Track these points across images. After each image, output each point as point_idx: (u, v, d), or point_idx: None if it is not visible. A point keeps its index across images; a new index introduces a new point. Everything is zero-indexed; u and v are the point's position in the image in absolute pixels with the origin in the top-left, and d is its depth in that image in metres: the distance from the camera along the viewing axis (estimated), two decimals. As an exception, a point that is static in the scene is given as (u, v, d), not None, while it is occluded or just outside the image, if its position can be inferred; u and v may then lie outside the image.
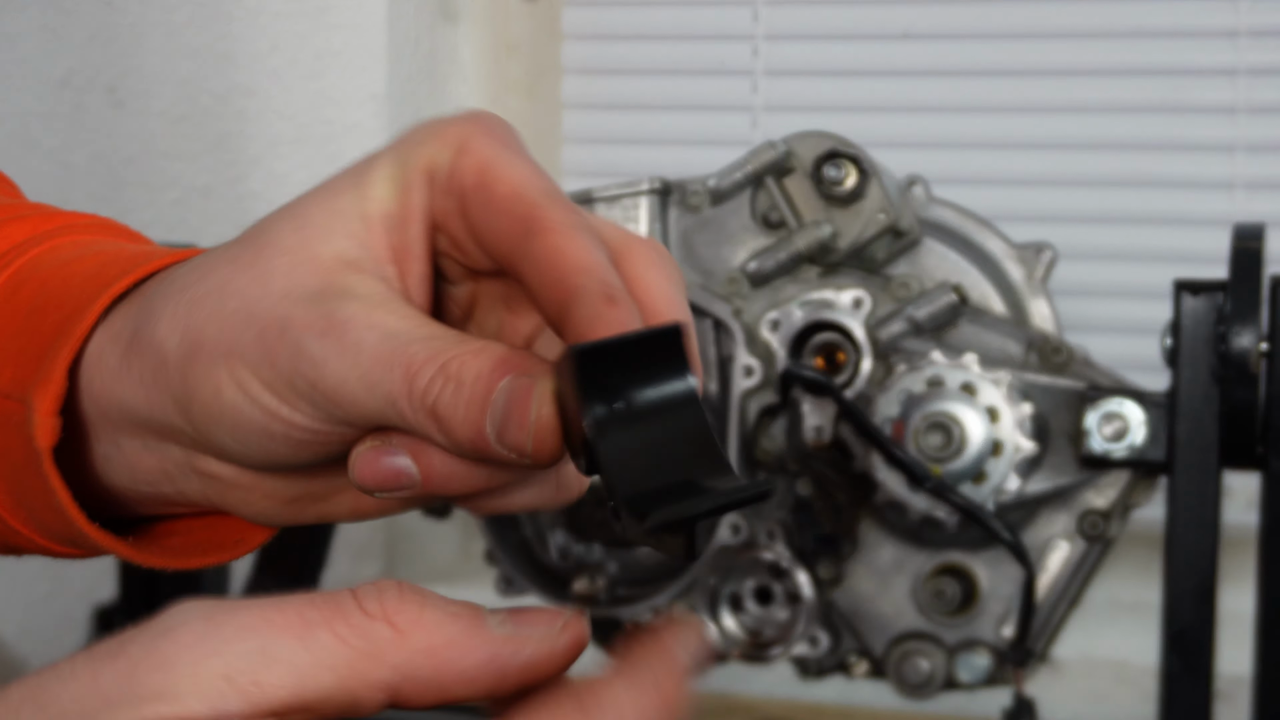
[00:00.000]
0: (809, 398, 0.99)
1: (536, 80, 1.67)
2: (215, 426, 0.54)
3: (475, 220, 0.53)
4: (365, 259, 0.53)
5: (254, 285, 0.54)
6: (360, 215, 0.54)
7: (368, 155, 0.56)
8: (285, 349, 0.52)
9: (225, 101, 1.58)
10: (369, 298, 0.52)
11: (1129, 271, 1.49)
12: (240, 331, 0.53)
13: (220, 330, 0.53)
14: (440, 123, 0.55)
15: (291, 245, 0.54)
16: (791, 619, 1.01)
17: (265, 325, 0.52)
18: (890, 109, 1.54)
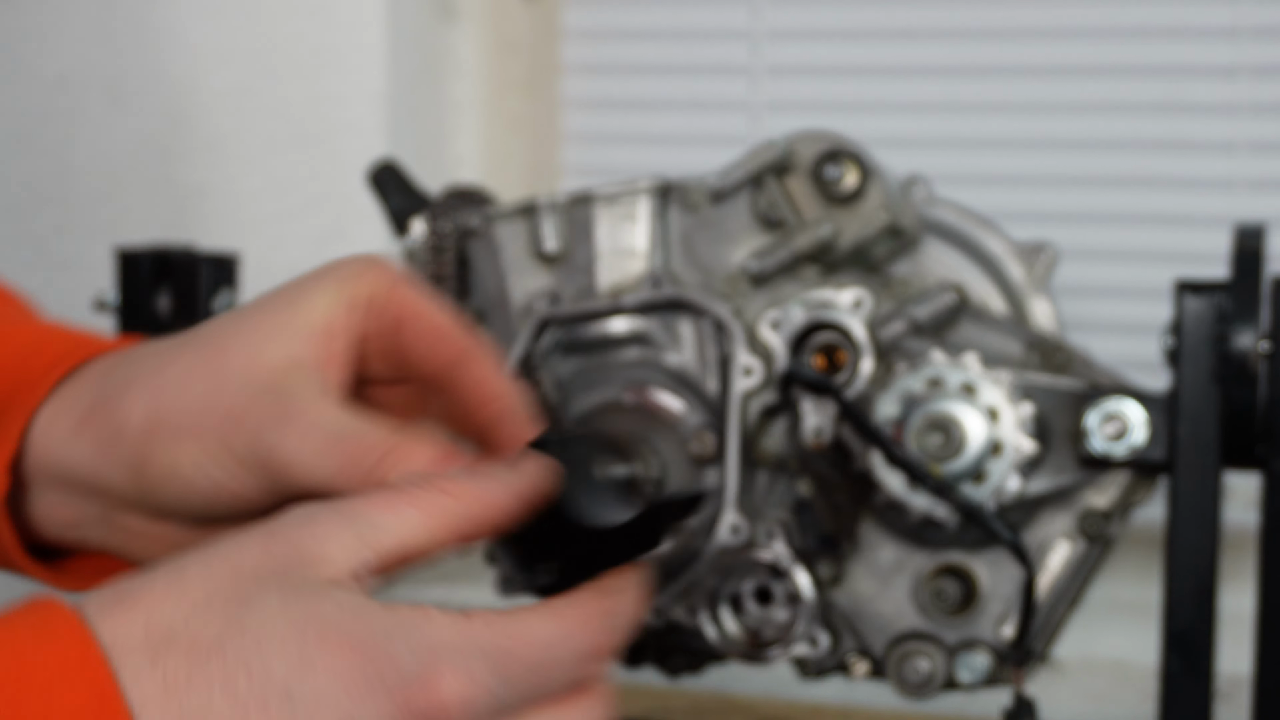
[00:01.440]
0: (809, 398, 0.99)
1: (536, 79, 1.67)
2: (164, 489, 0.66)
3: (408, 343, 0.69)
4: (305, 362, 0.67)
5: (214, 378, 0.66)
6: (301, 326, 0.68)
7: (305, 276, 0.71)
8: (244, 433, 0.65)
9: (225, 101, 1.58)
10: (311, 393, 0.66)
11: (1129, 271, 1.49)
12: (201, 416, 0.66)
13: (183, 414, 0.66)
14: (371, 261, 0.71)
15: (245, 348, 0.67)
16: (791, 619, 1.01)
17: (226, 412, 0.65)
18: (890, 109, 1.54)
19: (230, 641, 0.54)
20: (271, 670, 0.54)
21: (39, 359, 0.70)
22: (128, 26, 1.58)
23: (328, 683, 0.54)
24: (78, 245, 1.60)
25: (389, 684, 0.54)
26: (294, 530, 0.57)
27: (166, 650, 0.53)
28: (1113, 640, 1.49)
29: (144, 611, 0.54)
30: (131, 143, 1.60)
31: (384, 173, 1.14)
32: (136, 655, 0.53)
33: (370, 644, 0.55)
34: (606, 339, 1.05)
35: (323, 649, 0.54)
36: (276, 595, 0.55)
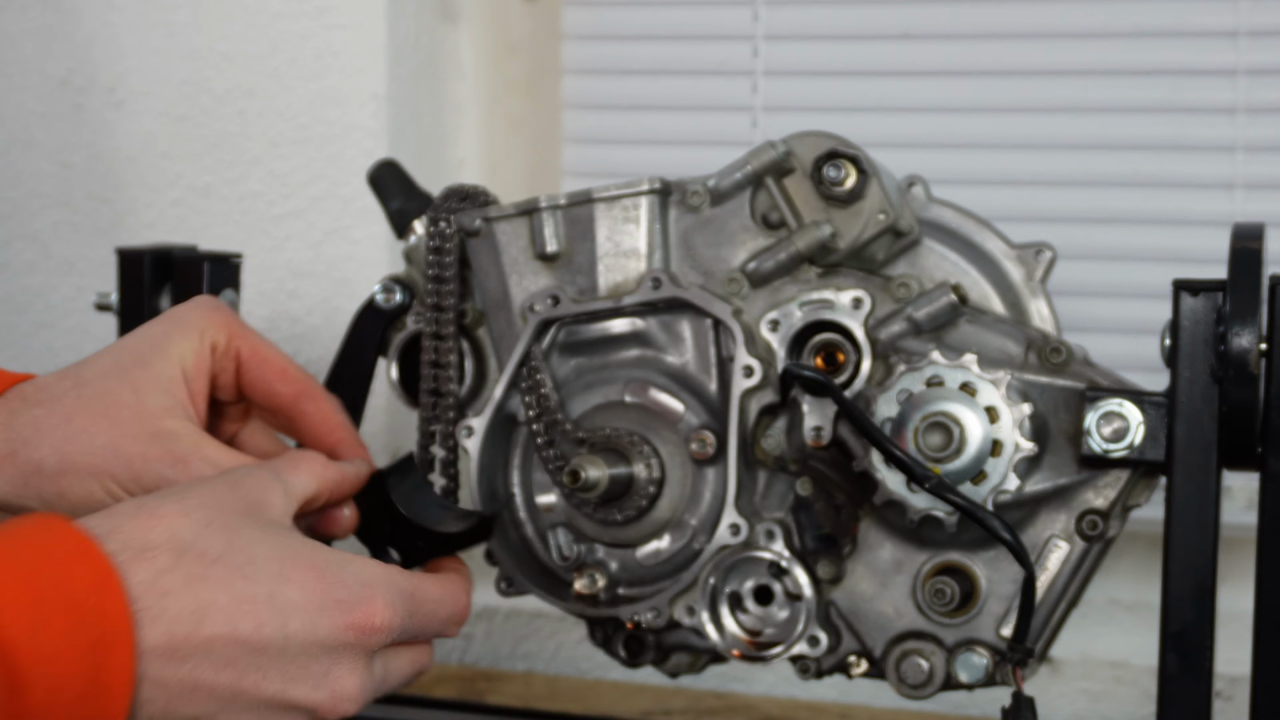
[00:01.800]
0: (809, 397, 0.99)
1: (536, 80, 1.67)
2: (76, 515, 0.78)
3: (250, 381, 0.94)
4: (177, 407, 0.90)
5: (111, 430, 0.87)
6: (170, 376, 0.90)
7: (158, 323, 0.93)
8: (149, 474, 0.87)
9: (225, 101, 1.58)
10: (193, 435, 0.89)
11: (1129, 271, 1.49)
12: (106, 461, 0.87)
13: (89, 459, 0.87)
14: (213, 307, 0.94)
15: (130, 400, 0.88)
16: (791, 619, 1.01)
17: (128, 459, 0.87)
18: (890, 109, 1.54)
19: (229, 556, 0.75)
20: (260, 578, 0.75)
21: None
22: (129, 28, 1.59)
23: (298, 594, 0.76)
24: (79, 246, 1.61)
25: (341, 602, 0.77)
26: (247, 481, 0.80)
27: (185, 554, 0.73)
28: (1112, 640, 1.50)
29: (165, 523, 0.74)
30: (133, 143, 1.60)
31: (384, 173, 1.14)
32: (163, 555, 0.73)
33: (328, 570, 0.78)
34: (607, 339, 1.05)
35: (295, 569, 0.77)
36: (254, 527, 0.77)
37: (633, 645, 1.06)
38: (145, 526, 0.74)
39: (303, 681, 0.76)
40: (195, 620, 0.72)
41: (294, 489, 0.83)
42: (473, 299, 1.09)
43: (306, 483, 0.84)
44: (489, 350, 1.09)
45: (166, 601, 0.72)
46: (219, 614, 0.73)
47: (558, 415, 1.04)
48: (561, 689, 1.50)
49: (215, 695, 0.74)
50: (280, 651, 0.75)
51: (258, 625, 0.74)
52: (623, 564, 1.04)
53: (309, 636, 0.76)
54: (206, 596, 0.73)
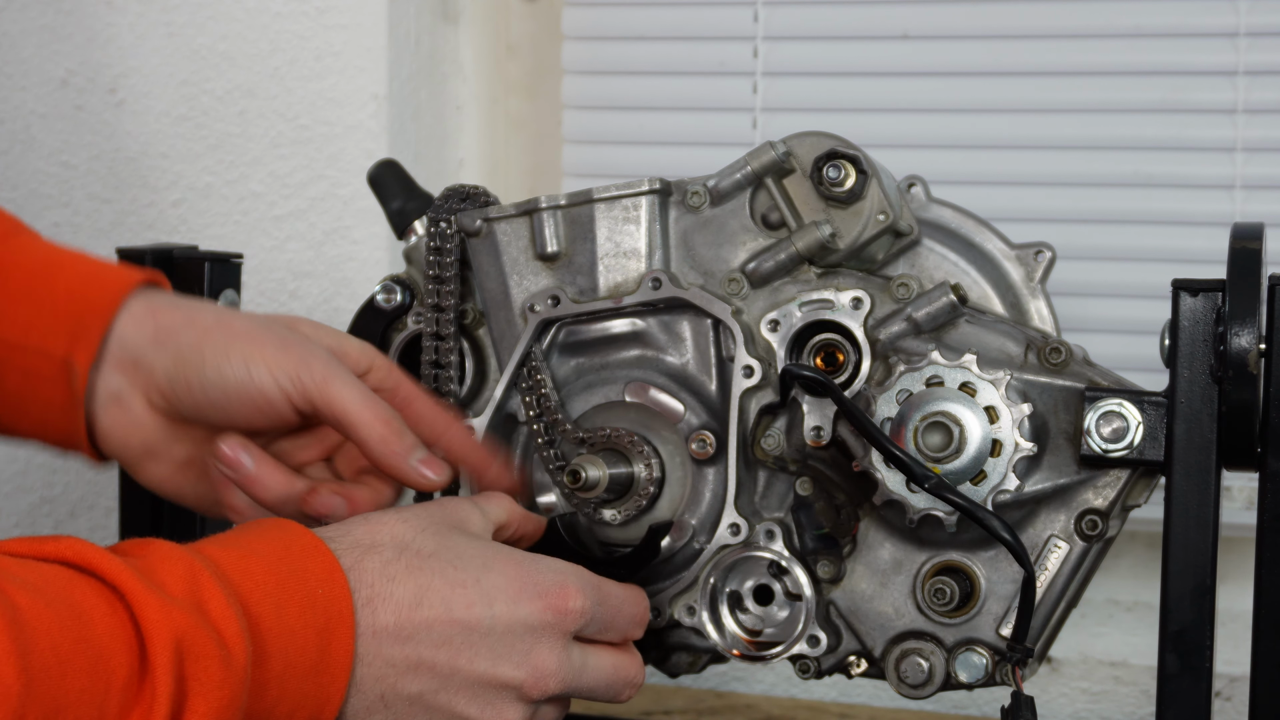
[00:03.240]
0: (809, 398, 1.00)
1: (536, 80, 1.68)
2: (215, 389, 0.96)
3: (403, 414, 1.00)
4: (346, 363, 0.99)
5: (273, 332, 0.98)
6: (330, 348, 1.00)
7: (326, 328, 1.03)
8: (306, 369, 0.96)
9: (225, 102, 1.58)
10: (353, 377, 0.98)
11: (1129, 271, 1.49)
12: (269, 342, 0.96)
13: (252, 341, 0.96)
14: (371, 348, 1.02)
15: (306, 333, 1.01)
16: (791, 619, 1.01)
17: (293, 351, 0.96)
18: (890, 109, 1.54)
19: (442, 551, 0.86)
20: (469, 566, 0.86)
21: (103, 280, 0.99)
22: (130, 28, 1.59)
23: (501, 579, 0.87)
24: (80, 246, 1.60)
25: (538, 588, 0.87)
26: (452, 505, 0.91)
27: (405, 550, 0.85)
28: (1111, 639, 1.50)
29: (388, 528, 0.86)
30: (134, 144, 1.60)
31: (384, 173, 1.14)
32: (388, 550, 0.85)
33: (525, 563, 0.88)
34: (607, 339, 1.05)
35: (496, 561, 0.87)
36: (460, 535, 0.88)
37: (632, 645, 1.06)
38: (372, 530, 0.86)
39: (508, 659, 0.86)
40: (416, 602, 0.84)
41: (490, 514, 0.92)
42: (473, 299, 1.09)
43: (499, 511, 0.93)
44: (489, 350, 1.09)
45: (393, 586, 0.83)
46: (436, 596, 0.84)
47: (558, 415, 1.04)
48: (562, 689, 1.50)
49: (435, 673, 0.84)
50: (488, 630, 0.85)
51: (468, 605, 0.85)
52: (623, 564, 1.05)
53: (512, 616, 0.86)
54: (425, 581, 0.84)
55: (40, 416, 0.99)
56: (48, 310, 0.97)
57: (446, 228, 1.07)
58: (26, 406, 0.99)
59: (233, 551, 0.80)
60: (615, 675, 0.92)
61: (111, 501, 1.58)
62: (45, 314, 0.97)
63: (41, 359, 0.97)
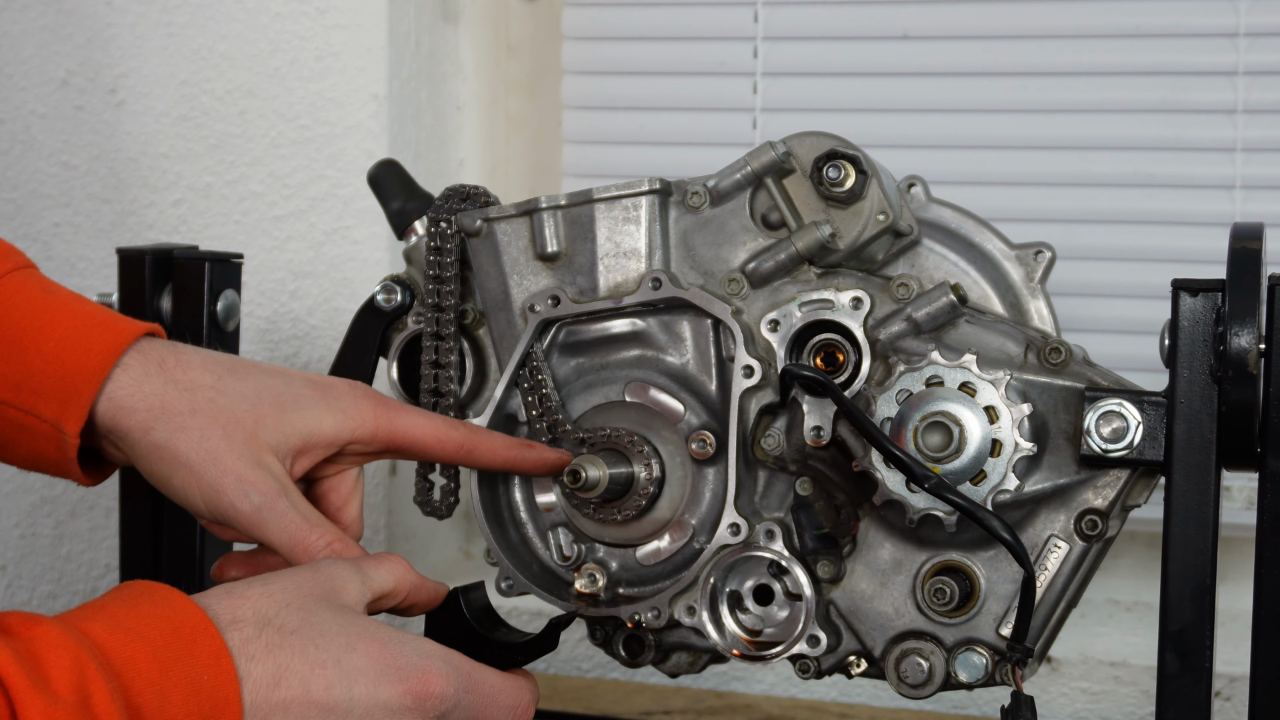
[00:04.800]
0: (809, 397, 1.00)
1: (536, 80, 1.68)
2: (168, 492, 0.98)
3: (409, 454, 1.02)
4: (279, 461, 0.98)
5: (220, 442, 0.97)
6: (290, 436, 0.99)
7: (311, 385, 1.01)
8: (222, 500, 0.96)
9: (225, 102, 1.58)
10: (275, 482, 0.96)
11: (1129, 271, 1.49)
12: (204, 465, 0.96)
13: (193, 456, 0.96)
14: (362, 400, 1.00)
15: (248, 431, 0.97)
16: (791, 619, 1.01)
17: (219, 475, 0.96)
18: (890, 109, 1.54)
19: (304, 629, 0.83)
20: (330, 647, 0.83)
21: (94, 340, 0.97)
22: (130, 28, 1.59)
23: (362, 661, 0.84)
24: (80, 246, 1.61)
25: (400, 671, 0.84)
26: (329, 570, 0.88)
27: (266, 626, 0.82)
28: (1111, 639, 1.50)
29: (251, 603, 0.83)
30: (134, 144, 1.60)
31: (385, 174, 1.14)
32: (248, 626, 0.82)
33: (389, 644, 0.85)
34: (607, 339, 1.05)
35: (360, 640, 0.84)
36: (327, 609, 0.85)
37: (633, 645, 1.06)
38: (234, 604, 0.83)
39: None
40: (273, 682, 0.81)
41: (371, 581, 0.90)
42: (473, 299, 1.09)
43: (384, 579, 0.90)
44: (489, 350, 1.09)
45: (251, 666, 0.81)
46: (294, 677, 0.82)
47: (558, 415, 1.04)
48: (561, 689, 1.50)
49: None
50: (346, 713, 0.83)
51: (326, 687, 0.82)
52: (623, 564, 1.05)
53: (371, 700, 0.83)
54: (284, 661, 0.82)
55: (31, 461, 1.00)
56: (37, 373, 0.97)
57: (446, 228, 1.07)
58: (18, 450, 0.99)
59: (119, 635, 0.78)
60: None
61: (112, 501, 1.58)
62: (35, 376, 0.97)
63: (33, 419, 0.97)
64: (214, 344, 1.13)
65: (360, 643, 0.84)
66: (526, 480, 1.07)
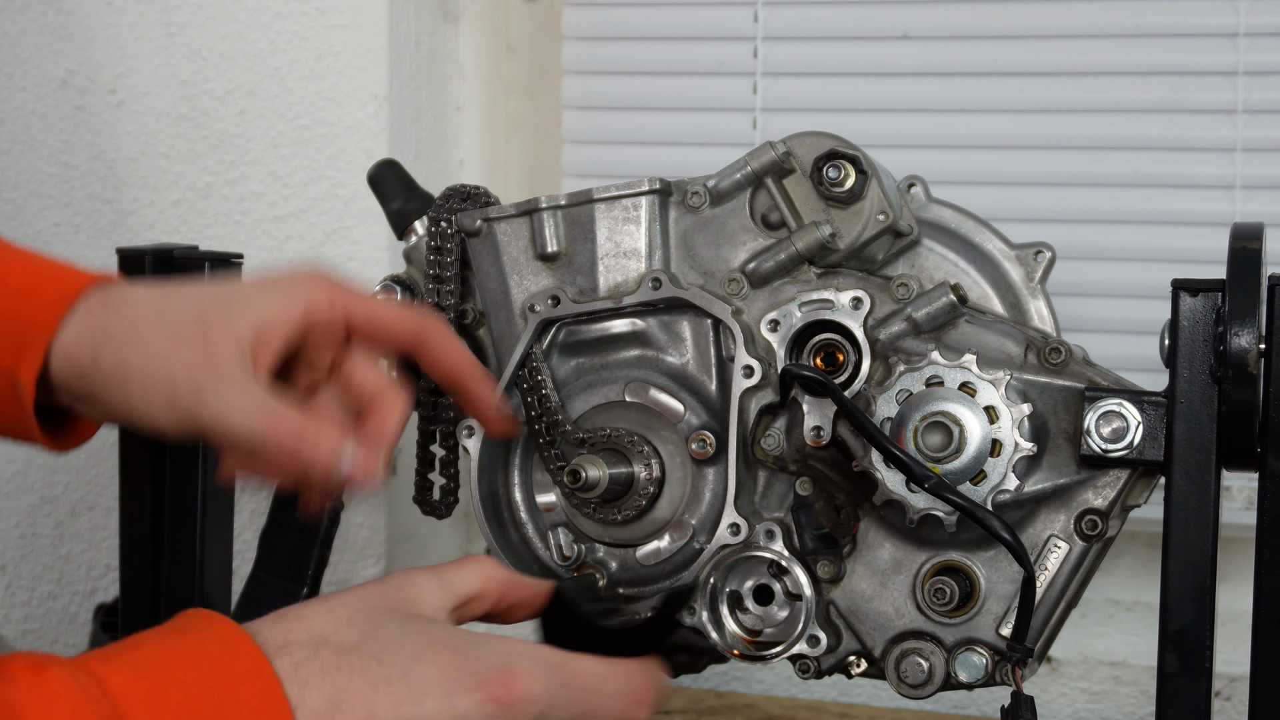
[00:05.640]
0: (809, 398, 1.00)
1: (536, 80, 1.67)
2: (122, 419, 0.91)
3: (363, 336, 0.94)
4: (238, 355, 0.88)
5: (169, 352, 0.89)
6: (242, 332, 0.89)
7: (253, 283, 0.94)
8: (187, 382, 0.87)
9: (225, 102, 1.58)
10: (237, 366, 0.88)
11: (1129, 271, 1.49)
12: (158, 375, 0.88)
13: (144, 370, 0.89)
14: (312, 282, 0.94)
15: (194, 335, 0.89)
16: (791, 619, 1.01)
17: (174, 373, 0.88)
18: (890, 109, 1.54)
19: (366, 644, 0.75)
20: (395, 661, 0.75)
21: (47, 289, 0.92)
22: (130, 28, 1.59)
23: (433, 671, 0.75)
24: (80, 246, 1.61)
25: (476, 676, 0.75)
26: (400, 580, 0.80)
27: (322, 647, 0.74)
28: (1111, 639, 1.50)
29: (305, 624, 0.75)
30: (134, 144, 1.60)
31: (384, 173, 1.14)
32: (301, 649, 0.74)
33: (463, 648, 0.76)
34: (607, 339, 1.05)
35: (430, 649, 0.75)
36: (396, 620, 0.77)
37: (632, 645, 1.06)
38: (286, 628, 0.75)
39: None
40: (332, 708, 0.72)
41: (453, 585, 0.81)
42: (473, 299, 1.09)
43: (468, 580, 0.82)
44: (489, 350, 1.09)
45: (305, 693, 0.72)
46: (355, 699, 0.73)
47: (558, 415, 1.04)
48: (562, 689, 1.50)
49: None
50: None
51: (394, 705, 0.74)
52: (623, 564, 1.04)
53: (448, 713, 0.74)
54: (342, 682, 0.73)
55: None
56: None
57: (447, 228, 1.07)
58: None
59: (146, 682, 0.69)
60: None
61: (111, 501, 1.58)
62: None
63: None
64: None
65: (430, 651, 0.75)
66: (527, 480, 1.07)
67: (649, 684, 0.81)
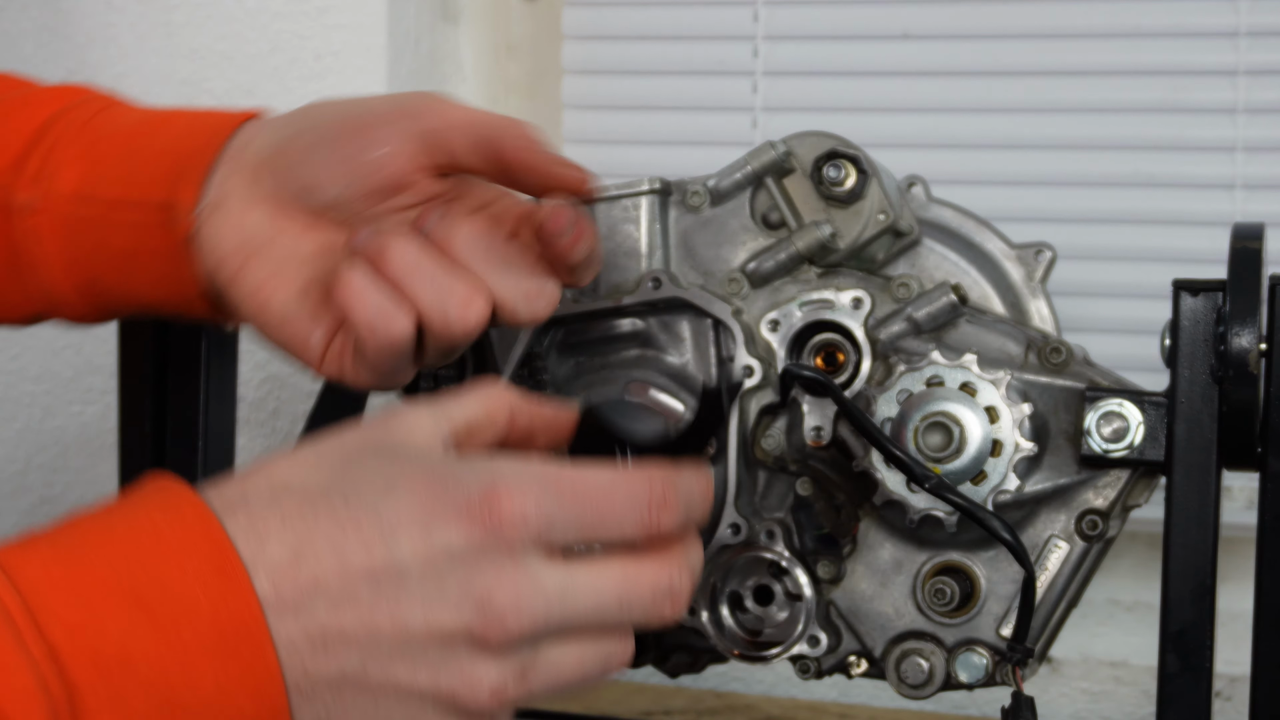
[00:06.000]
0: (809, 397, 0.99)
1: (536, 80, 1.67)
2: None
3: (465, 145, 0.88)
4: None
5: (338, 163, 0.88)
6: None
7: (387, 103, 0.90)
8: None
9: (225, 101, 1.58)
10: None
11: (1129, 271, 1.49)
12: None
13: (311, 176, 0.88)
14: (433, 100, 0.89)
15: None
16: (791, 619, 1.01)
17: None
18: (890, 109, 1.54)
19: (334, 485, 0.65)
20: (364, 496, 0.65)
21: (208, 123, 0.91)
22: (130, 28, 1.59)
23: (406, 503, 0.64)
24: (79, 246, 1.61)
25: (456, 501, 0.64)
26: (386, 416, 0.69)
27: (284, 495, 0.65)
28: (1112, 640, 1.50)
29: (267, 474, 0.66)
30: (133, 143, 1.60)
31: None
32: (260, 502, 0.64)
33: (442, 473, 0.66)
34: (607, 338, 1.05)
35: (403, 480, 0.65)
36: (374, 456, 0.66)
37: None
38: (246, 482, 0.66)
39: (441, 601, 0.64)
40: (294, 559, 0.63)
41: (450, 414, 0.70)
42: (473, 299, 1.09)
43: (468, 407, 0.71)
44: (490, 350, 1.09)
45: (264, 547, 0.63)
46: (321, 544, 0.63)
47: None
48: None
49: (349, 643, 0.63)
50: (400, 572, 0.64)
51: (365, 547, 0.64)
52: (623, 564, 1.04)
53: (427, 548, 0.64)
54: (304, 530, 0.63)
55: (151, 272, 0.90)
56: (150, 163, 0.89)
57: (446, 228, 1.07)
58: (137, 263, 0.90)
59: (62, 570, 0.62)
60: (626, 588, 0.68)
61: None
62: (147, 166, 0.89)
63: (143, 211, 0.88)
64: (212, 344, 1.13)
65: (403, 482, 0.65)
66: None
67: (669, 486, 0.69)
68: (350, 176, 0.86)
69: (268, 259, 0.87)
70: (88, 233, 0.91)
